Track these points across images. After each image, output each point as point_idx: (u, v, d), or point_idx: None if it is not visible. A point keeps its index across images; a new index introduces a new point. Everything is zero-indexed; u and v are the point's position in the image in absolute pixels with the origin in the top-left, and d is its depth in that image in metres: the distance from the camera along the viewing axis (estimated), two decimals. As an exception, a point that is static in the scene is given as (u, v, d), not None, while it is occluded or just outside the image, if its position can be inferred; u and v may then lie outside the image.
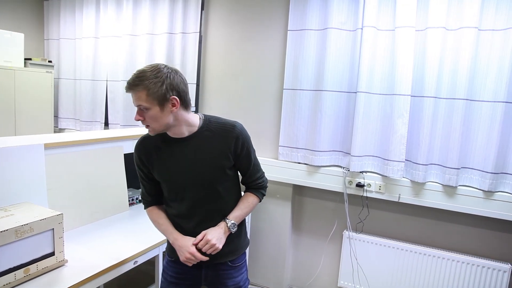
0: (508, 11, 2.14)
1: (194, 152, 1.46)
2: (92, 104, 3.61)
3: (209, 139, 1.46)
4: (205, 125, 1.48)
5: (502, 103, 2.18)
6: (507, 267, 2.30)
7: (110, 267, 1.61)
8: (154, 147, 1.50)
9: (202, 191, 1.49)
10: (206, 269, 1.58)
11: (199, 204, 1.50)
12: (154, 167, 1.51)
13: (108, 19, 3.42)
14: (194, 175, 1.47)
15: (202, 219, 1.51)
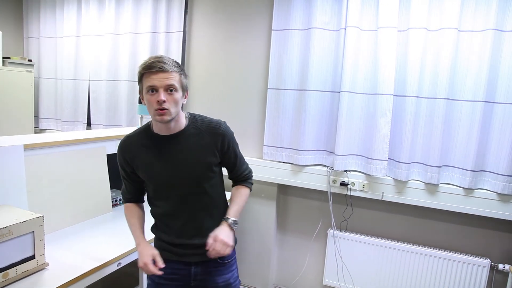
0: (485, 13, 2.19)
1: (181, 149, 1.46)
2: (74, 104, 3.55)
3: (195, 137, 1.48)
4: (191, 123, 1.49)
5: (481, 102, 2.23)
6: (486, 262, 2.35)
7: (93, 269, 1.59)
8: (139, 146, 1.50)
9: (188, 188, 1.49)
10: (195, 267, 1.57)
11: (185, 202, 1.50)
12: (139, 166, 1.50)
13: (90, 18, 3.37)
14: (180, 173, 1.47)
15: (188, 217, 1.52)
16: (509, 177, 2.23)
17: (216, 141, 1.49)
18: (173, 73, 1.36)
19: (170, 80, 1.34)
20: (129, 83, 3.23)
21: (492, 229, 2.40)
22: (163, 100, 1.33)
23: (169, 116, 1.37)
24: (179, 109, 1.42)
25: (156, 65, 1.33)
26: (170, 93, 1.36)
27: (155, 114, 1.37)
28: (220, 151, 1.51)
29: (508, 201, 2.27)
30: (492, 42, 2.17)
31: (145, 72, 1.35)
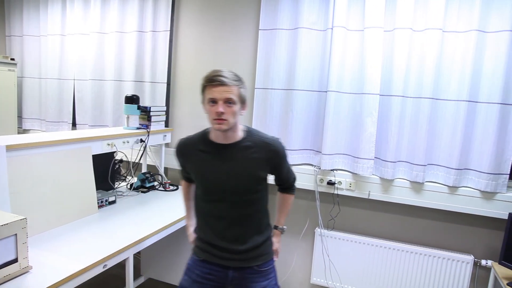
0: (468, 14, 2.22)
1: (234, 159, 1.55)
2: (59, 104, 3.50)
3: (249, 150, 1.56)
4: (247, 136, 1.59)
5: (465, 102, 2.27)
6: (470, 258, 2.39)
7: (78, 272, 1.56)
8: (195, 149, 1.61)
9: (236, 197, 1.58)
10: (233, 271, 1.64)
11: (231, 209, 1.58)
12: (192, 168, 1.62)
13: (75, 16, 3.32)
14: (231, 182, 1.55)
15: (231, 222, 1.60)
16: (491, 175, 2.27)
17: (268, 157, 1.57)
18: (232, 87, 1.45)
19: (229, 94, 1.44)
20: (115, 83, 3.19)
21: (475, 226, 2.44)
22: (222, 111, 1.43)
23: (226, 126, 1.47)
24: (237, 120, 1.51)
25: (216, 79, 1.43)
26: (228, 105, 1.45)
27: (214, 123, 1.47)
28: (272, 167, 1.61)
29: (490, 198, 2.31)
30: (475, 43, 2.21)
31: (207, 84, 1.47)
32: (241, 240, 1.61)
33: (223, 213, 1.59)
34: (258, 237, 1.65)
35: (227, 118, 1.45)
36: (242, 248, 1.61)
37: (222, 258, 1.63)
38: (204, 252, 1.66)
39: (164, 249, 2.64)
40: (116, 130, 2.65)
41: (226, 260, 1.63)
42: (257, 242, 1.64)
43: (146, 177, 2.81)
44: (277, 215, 1.83)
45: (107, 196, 2.41)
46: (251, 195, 1.59)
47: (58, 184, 2.06)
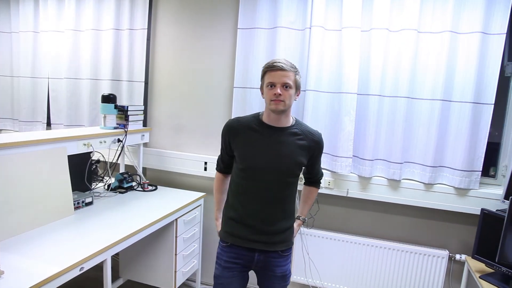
0: (442, 15, 2.28)
1: (281, 142, 1.68)
2: (32, 103, 3.40)
3: (296, 136, 1.71)
4: (297, 124, 1.74)
5: (439, 101, 2.32)
6: (445, 253, 2.46)
7: (53, 275, 1.52)
8: (246, 127, 1.72)
9: (274, 177, 1.69)
10: (259, 254, 1.76)
11: (267, 189, 1.70)
12: (239, 144, 1.73)
13: (48, 13, 3.23)
14: (273, 161, 1.67)
15: (264, 203, 1.71)
16: (464, 172, 2.33)
17: (311, 146, 1.73)
18: (290, 73, 1.60)
19: (287, 79, 1.59)
20: (91, 82, 3.13)
21: (450, 221, 2.51)
22: (280, 93, 1.58)
23: (283, 107, 1.61)
24: (291, 104, 1.65)
25: (276, 65, 1.59)
26: (285, 89, 1.60)
27: (271, 103, 1.61)
28: (310, 156, 1.75)
29: (464, 195, 2.38)
30: (449, 44, 2.27)
31: (267, 70, 1.62)
32: (270, 222, 1.73)
33: (259, 193, 1.71)
34: (285, 222, 1.77)
35: (284, 100, 1.59)
36: (270, 229, 1.73)
37: (249, 240, 1.74)
38: (231, 236, 1.77)
39: (143, 250, 2.61)
40: (92, 130, 2.60)
41: (252, 243, 1.74)
42: (283, 227, 1.76)
43: (124, 178, 2.76)
44: (301, 206, 2.00)
45: (83, 197, 2.36)
46: (289, 178, 1.72)
47: (31, 186, 2.00)
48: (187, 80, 2.95)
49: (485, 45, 2.23)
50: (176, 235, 2.47)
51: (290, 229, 1.82)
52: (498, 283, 1.99)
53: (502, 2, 2.17)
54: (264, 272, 1.81)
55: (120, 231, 2.01)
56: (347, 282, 2.65)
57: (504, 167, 2.45)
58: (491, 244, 2.08)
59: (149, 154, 3.09)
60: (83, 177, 2.54)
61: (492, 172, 2.53)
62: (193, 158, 2.95)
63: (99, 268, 1.91)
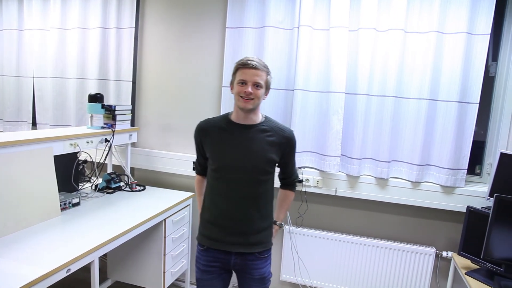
0: (428, 16, 2.30)
1: (250, 139, 1.67)
2: (17, 102, 3.35)
3: (265, 133, 1.70)
4: (266, 121, 1.73)
5: (426, 100, 2.35)
6: (432, 250, 2.49)
7: (39, 277, 1.50)
8: (215, 127, 1.72)
9: (247, 175, 1.67)
10: (235, 257, 1.73)
11: (240, 187, 1.68)
12: (209, 144, 1.72)
13: (33, 10, 3.18)
14: (243, 160, 1.66)
15: (239, 203, 1.69)
16: (451, 170, 2.37)
17: (281, 143, 1.71)
18: (262, 72, 1.62)
19: (259, 78, 1.60)
20: (78, 81, 3.09)
21: (436, 219, 2.54)
22: (250, 92, 1.58)
23: (251, 105, 1.62)
24: (260, 103, 1.66)
25: (250, 63, 1.59)
26: (256, 88, 1.61)
27: (240, 100, 1.62)
28: (282, 152, 1.73)
29: (450, 192, 2.41)
30: (435, 44, 2.29)
31: (240, 67, 1.62)
32: (245, 222, 1.70)
33: (232, 192, 1.69)
34: (261, 222, 1.74)
35: (253, 98, 1.60)
36: (245, 229, 1.70)
37: (224, 242, 1.71)
38: (206, 239, 1.75)
39: (132, 251, 2.59)
40: (79, 130, 2.57)
41: (228, 245, 1.71)
42: (259, 227, 1.73)
43: (112, 178, 2.74)
44: (277, 211, 1.94)
45: (70, 198, 2.33)
46: (261, 176, 1.70)
47: (16, 187, 1.97)
48: (175, 80, 2.94)
49: (470, 45, 2.26)
50: (164, 235, 2.45)
51: (267, 230, 1.79)
52: (483, 279, 2.03)
53: (486, 3, 2.20)
54: (242, 274, 1.79)
55: (108, 231, 1.99)
56: (336, 280, 2.67)
57: (489, 165, 2.49)
58: (477, 241, 2.11)
59: (137, 154, 3.06)
60: (70, 178, 2.51)
61: (478, 170, 2.57)
62: (181, 158, 2.93)
63: (86, 270, 1.89)
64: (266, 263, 1.81)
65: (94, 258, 1.84)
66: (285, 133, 1.74)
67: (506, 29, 2.38)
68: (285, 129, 1.76)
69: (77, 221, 2.12)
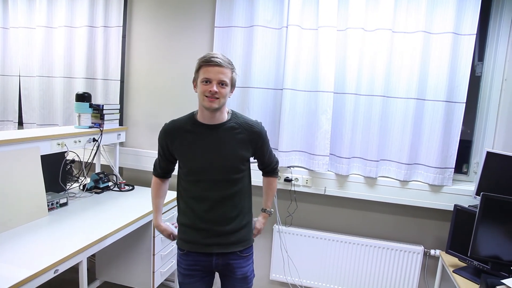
0: (415, 16, 2.33)
1: (219, 139, 1.62)
2: (3, 102, 3.29)
3: (233, 130, 1.64)
4: (232, 118, 1.67)
5: (413, 99, 2.37)
6: (420, 249, 2.51)
7: (26, 278, 1.48)
8: (182, 130, 1.66)
9: (219, 175, 1.63)
10: (216, 257, 1.69)
11: (214, 188, 1.63)
12: (178, 148, 1.66)
13: (18, 9, 3.13)
14: (214, 160, 1.62)
15: (214, 203, 1.64)
16: (438, 169, 2.39)
17: (251, 138, 1.66)
18: (227, 70, 1.55)
19: (223, 76, 1.53)
20: (65, 80, 3.05)
21: (424, 218, 2.57)
22: (215, 91, 1.52)
23: (217, 105, 1.55)
24: (225, 101, 1.59)
25: (213, 60, 1.52)
26: (221, 86, 1.54)
27: (205, 100, 1.55)
28: (254, 147, 1.69)
29: (438, 191, 2.44)
30: (422, 43, 2.32)
31: (203, 64, 1.54)
32: (222, 222, 1.66)
33: (206, 194, 1.64)
34: (239, 221, 1.70)
35: (219, 97, 1.54)
36: (223, 229, 1.66)
37: (203, 245, 1.67)
38: (186, 243, 1.70)
39: (120, 251, 2.56)
40: (66, 129, 2.54)
41: (207, 247, 1.67)
42: (238, 225, 1.69)
43: (100, 178, 2.71)
44: (264, 198, 1.95)
45: (57, 198, 2.30)
46: (234, 174, 1.65)
47: (3, 187, 1.94)
48: (163, 79, 2.92)
49: (456, 45, 2.29)
50: (153, 235, 2.44)
51: (246, 227, 1.75)
52: (470, 277, 2.06)
53: (472, 4, 2.23)
54: (224, 274, 1.76)
55: (96, 232, 1.97)
56: (326, 279, 2.68)
57: (475, 164, 2.53)
58: (464, 239, 2.14)
59: (125, 154, 3.04)
60: (57, 178, 2.48)
61: (465, 169, 2.60)
62: (171, 158, 2.91)
63: (74, 270, 1.87)
64: (249, 262, 1.78)
65: (82, 259, 1.82)
66: (254, 128, 1.68)
67: (491, 29, 2.41)
68: (253, 123, 1.69)
69: (64, 221, 2.10)
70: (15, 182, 2.01)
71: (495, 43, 2.38)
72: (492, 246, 1.97)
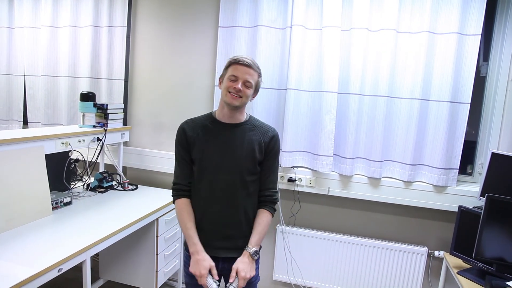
0: (420, 16, 2.32)
1: (236, 138, 1.64)
2: (8, 101, 3.31)
3: (250, 131, 1.66)
4: (250, 120, 1.70)
5: (418, 100, 2.36)
6: (424, 250, 2.50)
7: (30, 277, 1.49)
8: (201, 126, 1.66)
9: (233, 175, 1.62)
10: (222, 262, 1.67)
11: (227, 189, 1.62)
12: (196, 144, 1.64)
13: (24, 8, 3.14)
14: (229, 159, 1.62)
15: (224, 204, 1.63)
16: (442, 170, 2.38)
17: (265, 140, 1.67)
18: (254, 73, 1.60)
19: (250, 77, 1.58)
20: (70, 79, 3.06)
21: (428, 219, 2.56)
22: (240, 89, 1.55)
23: (238, 103, 1.58)
24: (247, 102, 1.62)
25: (244, 61, 1.57)
26: (246, 86, 1.58)
27: (228, 96, 1.57)
28: (265, 150, 1.67)
29: (442, 192, 2.43)
30: (427, 44, 2.31)
31: (234, 62, 1.59)
32: (232, 225, 1.65)
33: (218, 194, 1.63)
34: (249, 225, 1.68)
35: (242, 96, 1.57)
36: (232, 233, 1.65)
37: (211, 247, 1.65)
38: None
39: (124, 250, 2.57)
40: (71, 129, 2.55)
41: (215, 250, 1.65)
42: (247, 230, 1.68)
43: (104, 177, 2.72)
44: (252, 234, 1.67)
45: (62, 197, 2.31)
46: (247, 176, 1.64)
47: (7, 186, 1.95)
48: (167, 78, 2.93)
49: (461, 46, 2.28)
50: (157, 235, 2.44)
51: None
52: (475, 278, 2.04)
53: (477, 4, 2.22)
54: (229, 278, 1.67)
55: (100, 231, 1.98)
56: (329, 279, 2.67)
57: (480, 165, 2.51)
58: (468, 240, 2.13)
59: (129, 153, 3.04)
60: (62, 177, 2.49)
61: (469, 170, 2.59)
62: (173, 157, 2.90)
63: (78, 269, 1.87)
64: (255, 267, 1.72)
65: (86, 258, 1.83)
66: (269, 132, 1.69)
67: (496, 30, 2.40)
68: (269, 128, 1.71)
69: (68, 220, 2.11)
70: (20, 181, 2.02)
71: (500, 43, 2.37)
72: (497, 247, 1.96)
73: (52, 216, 2.16)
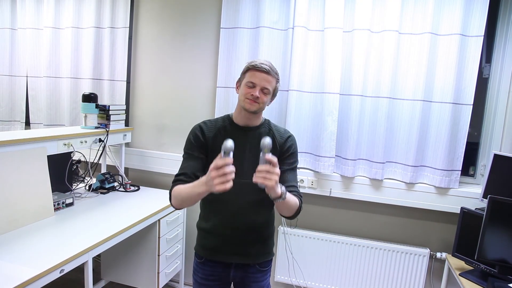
0: (422, 17, 2.32)
1: (252, 141, 1.60)
2: (10, 102, 3.32)
3: (266, 135, 1.61)
4: (266, 124, 1.69)
5: (420, 101, 2.36)
6: (426, 251, 2.50)
7: (32, 278, 1.49)
8: (220, 127, 1.63)
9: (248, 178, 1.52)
10: (234, 270, 1.66)
11: (241, 192, 1.56)
12: (214, 145, 1.59)
13: (26, 10, 3.15)
14: (246, 162, 1.57)
15: (240, 207, 1.59)
16: (445, 171, 2.38)
17: (281, 142, 1.64)
18: (273, 79, 1.56)
19: (268, 84, 1.54)
20: (72, 80, 3.07)
21: (430, 220, 2.55)
22: (257, 96, 1.53)
23: (256, 108, 1.55)
24: (264, 108, 1.60)
25: (262, 67, 1.53)
26: (263, 93, 1.55)
27: (246, 102, 1.55)
28: (281, 153, 1.63)
29: (444, 193, 2.42)
30: (429, 45, 2.30)
31: (252, 68, 1.54)
32: (247, 230, 1.62)
33: (233, 198, 1.56)
34: (263, 230, 1.67)
35: (259, 102, 1.55)
36: (246, 238, 1.63)
37: (223, 253, 1.63)
38: (205, 250, 1.67)
39: (126, 251, 2.57)
40: (73, 130, 2.55)
41: (228, 256, 1.64)
42: (262, 235, 1.67)
43: (106, 178, 2.72)
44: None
45: (64, 198, 2.31)
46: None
47: (10, 187, 1.95)
48: (169, 80, 2.93)
49: (464, 47, 2.28)
50: (159, 236, 2.44)
51: (270, 240, 1.71)
52: (477, 280, 2.04)
53: (480, 5, 2.22)
54: (241, 287, 1.72)
55: (102, 232, 1.98)
56: (330, 281, 2.67)
57: (482, 167, 2.51)
58: (471, 242, 2.12)
59: (131, 154, 3.05)
60: (64, 178, 2.49)
61: (471, 171, 2.59)
62: (175, 158, 2.92)
63: (80, 270, 1.87)
64: (266, 276, 1.74)
65: (88, 259, 1.83)
66: (286, 134, 1.67)
67: (499, 31, 2.40)
68: (286, 131, 1.70)
69: (70, 221, 2.11)
70: (22, 181, 2.03)
71: (503, 45, 2.37)
72: (499, 249, 1.95)
73: (54, 217, 2.16)
